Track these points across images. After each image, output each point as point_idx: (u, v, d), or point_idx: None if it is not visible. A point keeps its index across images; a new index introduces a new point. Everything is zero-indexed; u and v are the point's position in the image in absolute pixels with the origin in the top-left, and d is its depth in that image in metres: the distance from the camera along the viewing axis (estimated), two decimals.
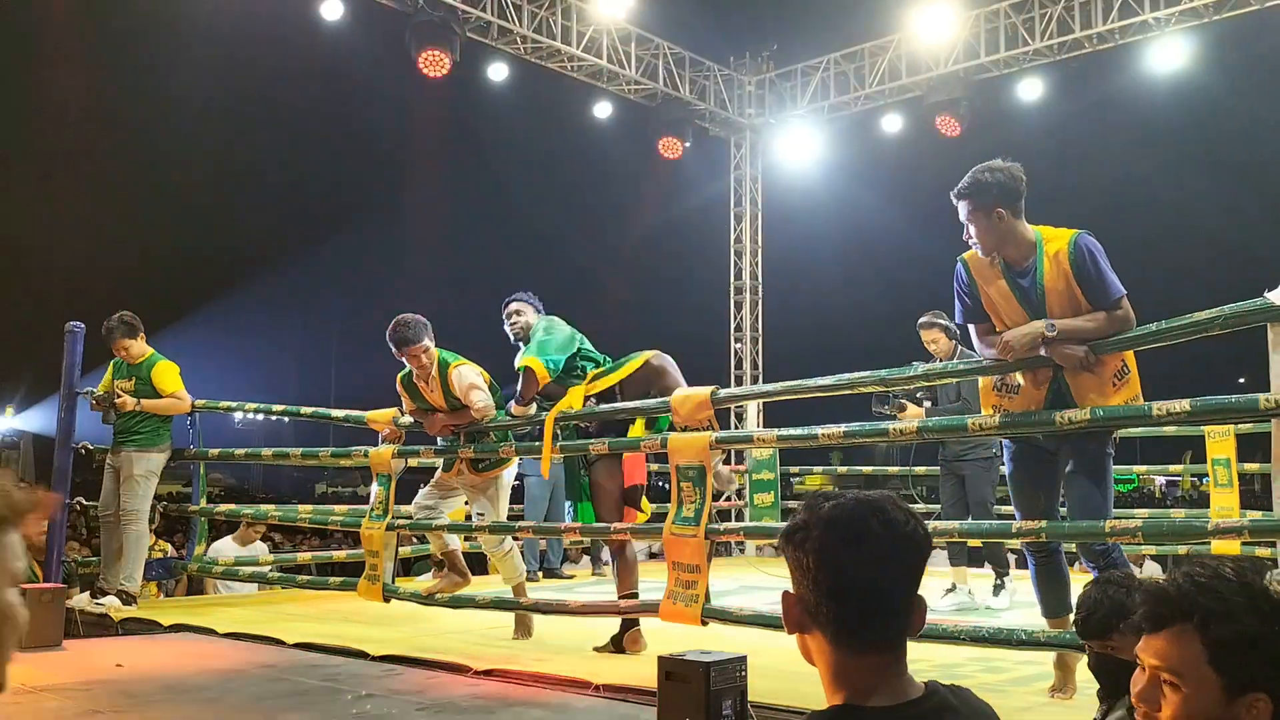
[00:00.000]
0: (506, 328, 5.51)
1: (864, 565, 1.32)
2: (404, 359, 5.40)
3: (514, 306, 5.52)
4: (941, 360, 6.43)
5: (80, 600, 6.13)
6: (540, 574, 7.97)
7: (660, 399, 4.80)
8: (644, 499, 5.36)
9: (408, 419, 5.74)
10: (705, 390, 4.61)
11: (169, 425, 6.59)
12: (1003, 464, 4.23)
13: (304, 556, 8.03)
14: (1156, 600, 1.38)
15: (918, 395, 6.68)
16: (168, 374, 6.50)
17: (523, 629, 5.38)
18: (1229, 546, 6.85)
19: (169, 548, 7.80)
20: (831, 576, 1.32)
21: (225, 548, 7.81)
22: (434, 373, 5.41)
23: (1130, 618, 2.20)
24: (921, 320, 6.59)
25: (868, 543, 1.32)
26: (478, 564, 6.46)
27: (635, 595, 5.07)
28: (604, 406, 5.19)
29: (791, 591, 1.37)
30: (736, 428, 10.30)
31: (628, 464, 5.26)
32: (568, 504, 5.49)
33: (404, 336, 5.31)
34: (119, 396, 6.41)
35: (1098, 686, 2.52)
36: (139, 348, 6.52)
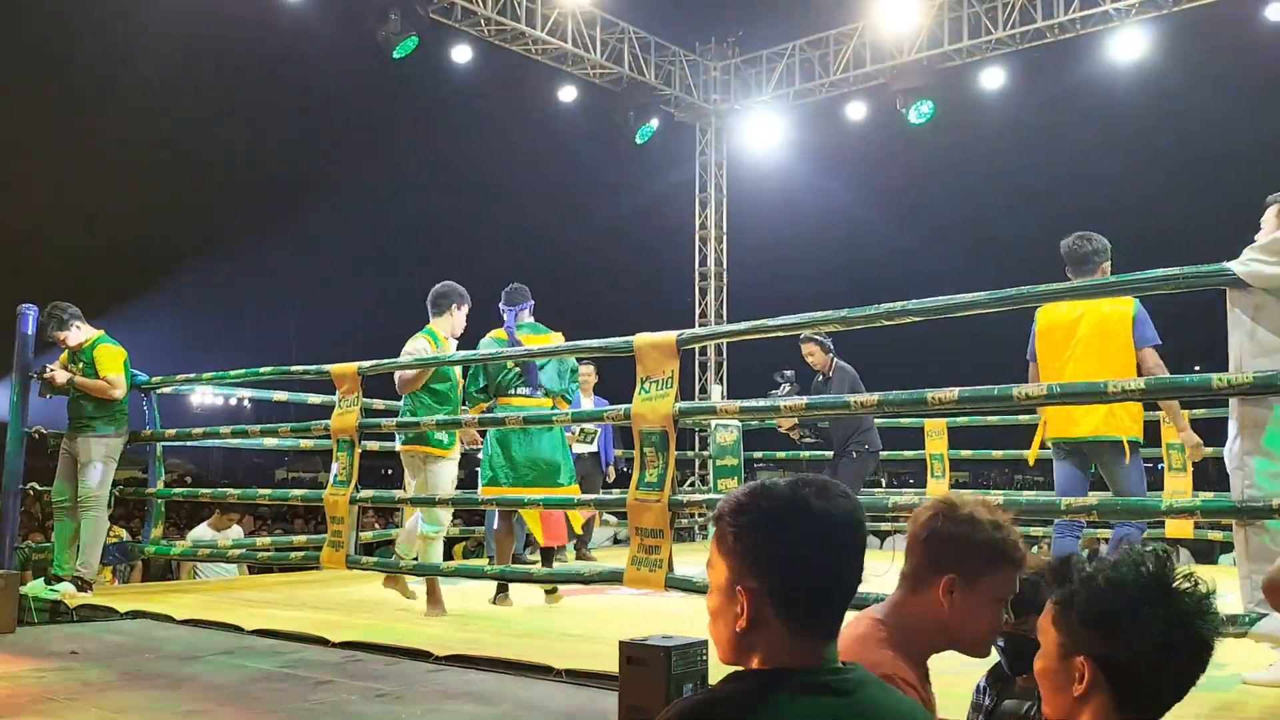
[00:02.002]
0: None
1: (844, 550, 1.33)
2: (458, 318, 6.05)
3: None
4: (820, 372, 7.32)
5: (34, 586, 6.04)
6: (540, 560, 7.95)
7: (623, 339, 4.74)
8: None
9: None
10: (671, 335, 4.56)
11: (124, 409, 6.48)
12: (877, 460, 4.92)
13: (263, 541, 7.96)
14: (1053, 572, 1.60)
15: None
16: (105, 357, 6.35)
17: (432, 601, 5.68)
18: (1182, 527, 6.99)
19: (124, 533, 7.70)
20: (817, 563, 1.31)
21: (202, 534, 7.77)
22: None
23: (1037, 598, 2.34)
24: (801, 335, 7.17)
25: (851, 527, 1.33)
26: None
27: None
28: (556, 346, 5.65)
29: (754, 585, 1.31)
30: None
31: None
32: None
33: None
34: (49, 370, 6.30)
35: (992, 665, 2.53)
36: (77, 335, 6.38)
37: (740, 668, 1.35)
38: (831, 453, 7.87)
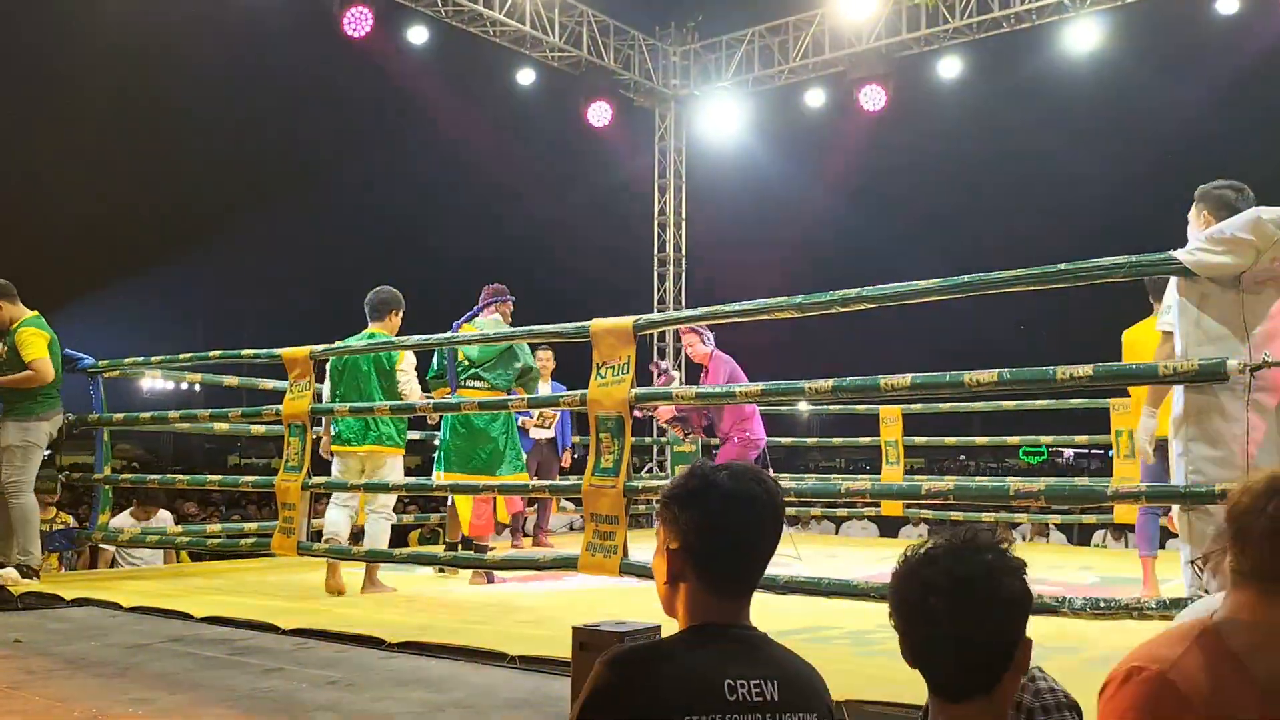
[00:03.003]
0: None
1: (749, 523, 1.59)
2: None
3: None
4: (702, 365, 7.27)
5: None
6: (459, 545, 7.92)
7: (579, 324, 4.74)
8: None
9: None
10: (627, 320, 4.54)
11: (52, 393, 6.23)
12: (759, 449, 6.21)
13: (213, 528, 7.85)
14: None
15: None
16: (28, 341, 6.06)
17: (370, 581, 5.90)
18: (1128, 512, 7.11)
19: (70, 519, 7.54)
20: (723, 531, 1.57)
21: (123, 524, 7.57)
22: None
23: None
24: (683, 327, 7.45)
25: (756, 506, 1.59)
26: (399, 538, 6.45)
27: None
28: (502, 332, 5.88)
29: (675, 547, 1.59)
30: None
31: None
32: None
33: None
34: None
35: None
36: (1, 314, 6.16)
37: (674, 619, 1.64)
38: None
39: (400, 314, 6.23)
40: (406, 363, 6.13)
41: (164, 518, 7.81)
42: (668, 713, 1.44)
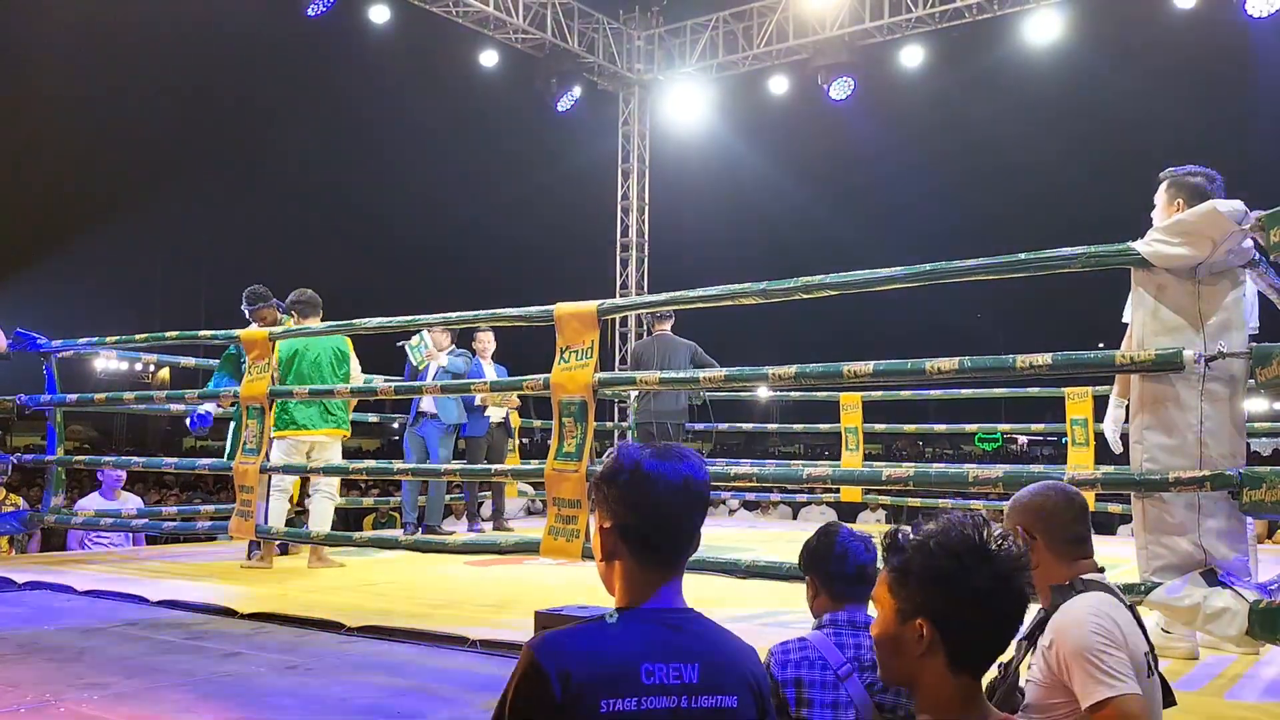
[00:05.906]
0: None
1: (673, 499, 1.64)
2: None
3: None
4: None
5: None
6: (420, 530, 7.89)
7: (543, 308, 4.74)
8: None
9: None
10: (591, 304, 4.55)
11: None
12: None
13: (169, 510, 7.74)
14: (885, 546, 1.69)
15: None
16: None
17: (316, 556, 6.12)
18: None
19: (20, 501, 7.41)
20: (649, 508, 1.63)
21: (93, 504, 7.47)
22: None
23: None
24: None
25: (677, 481, 1.64)
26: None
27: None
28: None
29: (608, 525, 1.65)
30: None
31: None
32: None
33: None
34: None
35: None
36: None
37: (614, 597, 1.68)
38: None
39: (320, 315, 6.33)
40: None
41: (131, 499, 7.72)
42: (586, 697, 1.49)
